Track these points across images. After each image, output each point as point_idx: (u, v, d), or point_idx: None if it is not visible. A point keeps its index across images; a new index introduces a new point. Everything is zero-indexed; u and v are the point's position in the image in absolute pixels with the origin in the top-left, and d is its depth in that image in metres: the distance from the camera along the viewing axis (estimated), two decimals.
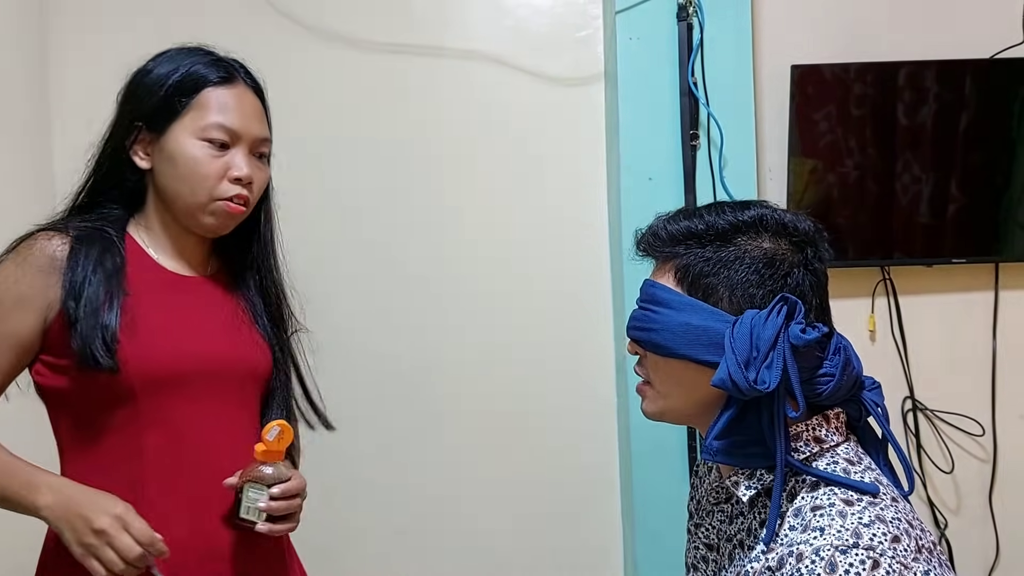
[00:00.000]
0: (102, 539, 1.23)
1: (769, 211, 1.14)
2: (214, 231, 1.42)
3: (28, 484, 1.28)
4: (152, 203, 1.43)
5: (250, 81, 1.45)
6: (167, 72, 1.39)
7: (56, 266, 1.33)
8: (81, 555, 1.24)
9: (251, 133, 1.41)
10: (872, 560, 0.96)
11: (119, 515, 1.24)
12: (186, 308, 1.43)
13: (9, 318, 1.32)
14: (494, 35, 2.46)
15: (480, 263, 2.47)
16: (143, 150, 1.40)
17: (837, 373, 1.09)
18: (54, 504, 1.26)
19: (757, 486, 1.11)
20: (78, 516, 1.24)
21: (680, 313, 1.11)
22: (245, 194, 1.40)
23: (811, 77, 2.34)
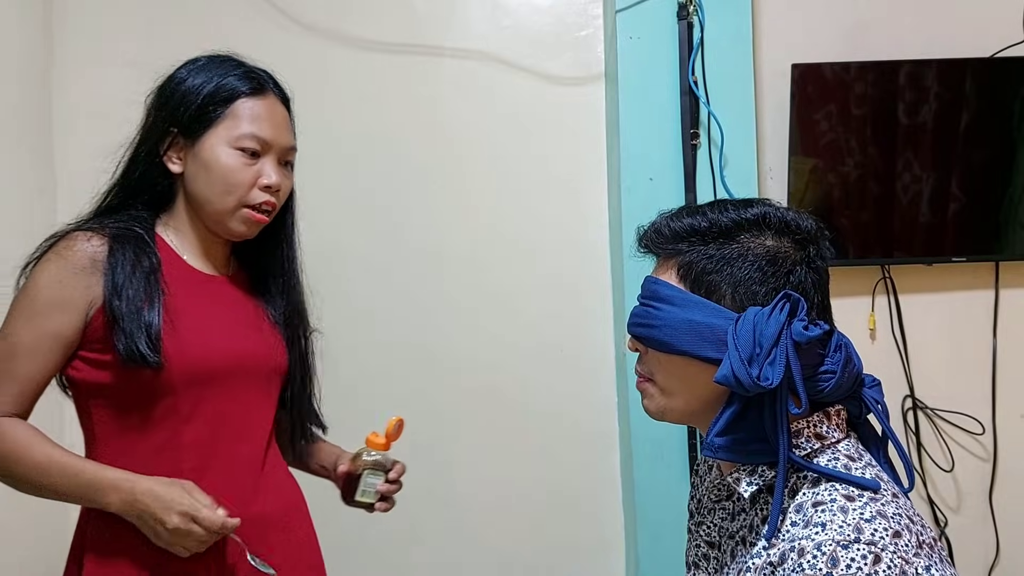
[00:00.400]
0: (177, 535, 1.29)
1: (772, 209, 1.15)
2: (240, 236, 1.48)
3: (93, 486, 1.33)
4: (181, 205, 1.48)
5: (279, 92, 1.51)
6: (202, 82, 1.44)
7: (97, 266, 1.38)
8: (163, 545, 1.31)
9: (280, 143, 1.47)
10: (873, 555, 0.96)
11: (185, 511, 1.29)
12: (216, 306, 1.49)
13: (53, 318, 1.36)
14: (494, 34, 2.47)
15: (481, 262, 2.48)
16: (176, 155, 1.46)
17: (838, 370, 1.09)
18: (121, 504, 1.32)
19: (759, 482, 1.11)
20: (149, 516, 1.30)
21: (683, 310, 1.12)
22: (273, 201, 1.46)
23: (811, 76, 2.34)
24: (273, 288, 1.58)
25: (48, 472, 1.33)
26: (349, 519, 2.41)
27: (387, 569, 2.48)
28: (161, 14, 2.42)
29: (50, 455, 1.34)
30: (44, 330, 1.36)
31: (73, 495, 1.35)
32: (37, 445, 1.34)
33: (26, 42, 2.28)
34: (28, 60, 2.29)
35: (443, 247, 2.48)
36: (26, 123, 2.27)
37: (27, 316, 1.36)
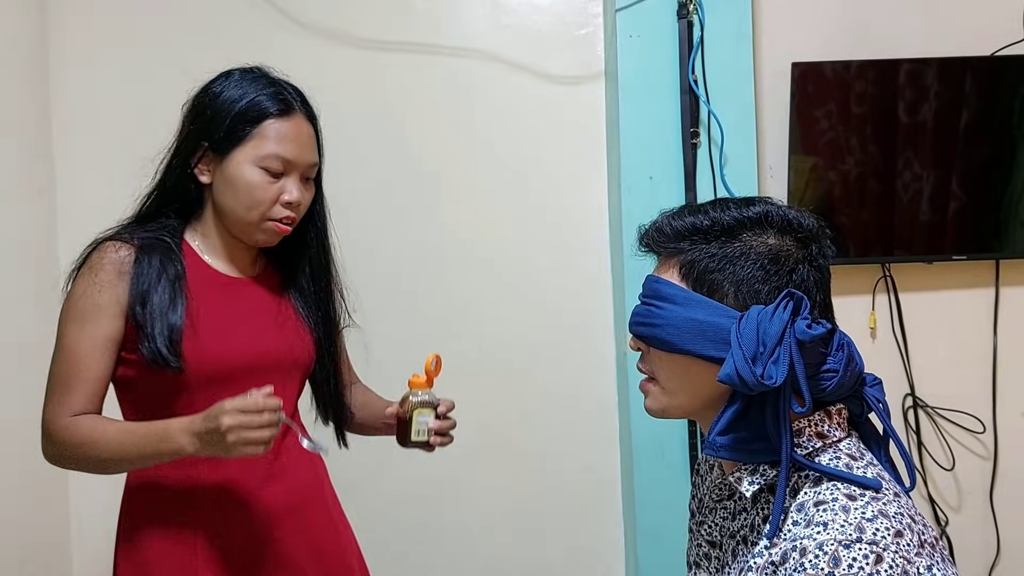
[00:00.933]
0: (236, 433, 1.33)
1: (774, 207, 1.15)
2: (263, 244, 1.57)
3: (161, 438, 1.39)
4: (209, 213, 1.56)
5: (306, 110, 1.57)
6: (233, 99, 1.51)
7: (124, 275, 1.47)
8: (237, 455, 1.36)
9: (304, 161, 1.54)
10: (875, 555, 0.96)
11: (228, 409, 1.33)
12: (237, 308, 1.57)
13: (101, 323, 1.46)
14: (494, 33, 2.47)
15: (481, 262, 2.47)
16: (206, 167, 1.53)
17: (840, 369, 1.09)
18: (191, 441, 1.37)
19: (760, 481, 1.11)
20: (208, 434, 1.35)
21: (685, 309, 1.11)
22: (293, 216, 1.54)
23: (811, 75, 2.34)
24: (304, 285, 1.66)
25: (123, 442, 1.40)
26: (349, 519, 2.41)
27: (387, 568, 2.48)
28: (160, 14, 2.42)
29: (120, 427, 1.44)
30: (96, 334, 1.45)
31: (146, 453, 1.40)
32: (108, 424, 1.44)
33: (25, 42, 2.28)
34: (27, 60, 2.29)
35: (442, 246, 2.47)
36: (25, 123, 2.27)
37: (78, 324, 1.45)
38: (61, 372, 1.46)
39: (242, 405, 1.34)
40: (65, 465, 1.48)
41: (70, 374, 1.45)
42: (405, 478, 2.47)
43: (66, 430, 1.43)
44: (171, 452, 1.39)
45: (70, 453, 1.44)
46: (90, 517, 2.36)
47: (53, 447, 1.46)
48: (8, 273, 2.15)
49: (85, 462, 1.44)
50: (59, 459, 1.47)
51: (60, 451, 1.45)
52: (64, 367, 1.46)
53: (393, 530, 2.47)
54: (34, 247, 2.27)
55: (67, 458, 1.45)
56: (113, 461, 1.43)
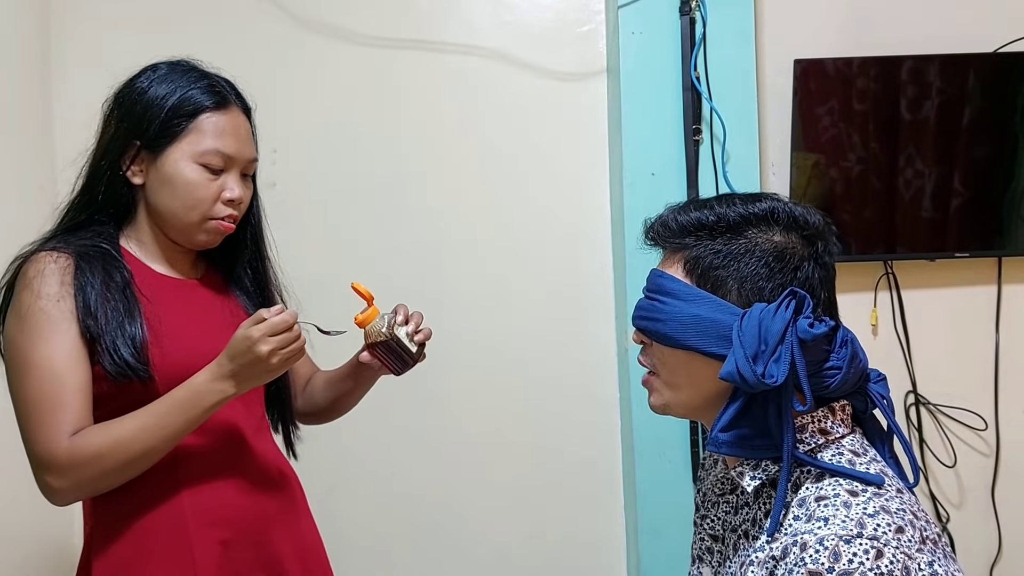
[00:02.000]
0: (277, 354, 1.32)
1: (780, 204, 1.15)
2: (204, 246, 1.49)
3: (197, 398, 1.34)
4: (143, 216, 1.47)
5: (241, 103, 1.50)
6: (164, 94, 1.43)
7: (67, 284, 1.36)
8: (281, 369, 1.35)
9: (243, 156, 1.47)
10: (876, 550, 0.96)
11: (258, 337, 1.30)
12: (191, 311, 1.49)
13: (63, 332, 1.34)
14: (496, 30, 2.46)
15: (482, 259, 2.48)
16: (138, 167, 1.44)
17: (844, 366, 1.09)
18: (230, 385, 1.34)
19: (762, 476, 1.11)
20: (250, 366, 1.32)
21: (689, 305, 1.11)
22: (236, 214, 1.47)
23: (814, 71, 2.34)
24: (248, 285, 1.60)
25: (152, 426, 1.33)
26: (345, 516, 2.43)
27: (386, 566, 2.49)
28: (160, 11, 2.41)
29: (138, 416, 1.34)
30: (65, 344, 1.34)
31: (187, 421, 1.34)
32: (120, 420, 1.34)
33: (26, 38, 2.28)
34: (28, 56, 2.29)
35: (445, 243, 2.47)
36: (26, 119, 2.27)
37: (41, 339, 1.33)
38: (42, 394, 1.32)
39: (269, 327, 1.30)
40: (81, 491, 1.35)
41: (54, 392, 1.31)
42: (406, 473, 2.48)
43: (74, 449, 1.30)
44: (214, 405, 1.34)
45: (87, 472, 1.31)
46: None
47: (63, 475, 1.31)
48: None
49: (108, 474, 1.32)
50: (74, 487, 1.33)
51: (74, 476, 1.31)
52: (43, 388, 1.32)
53: (395, 525, 2.47)
54: None
55: (84, 480, 1.32)
56: (146, 453, 1.33)
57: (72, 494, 1.35)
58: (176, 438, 1.35)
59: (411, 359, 1.54)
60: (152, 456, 1.34)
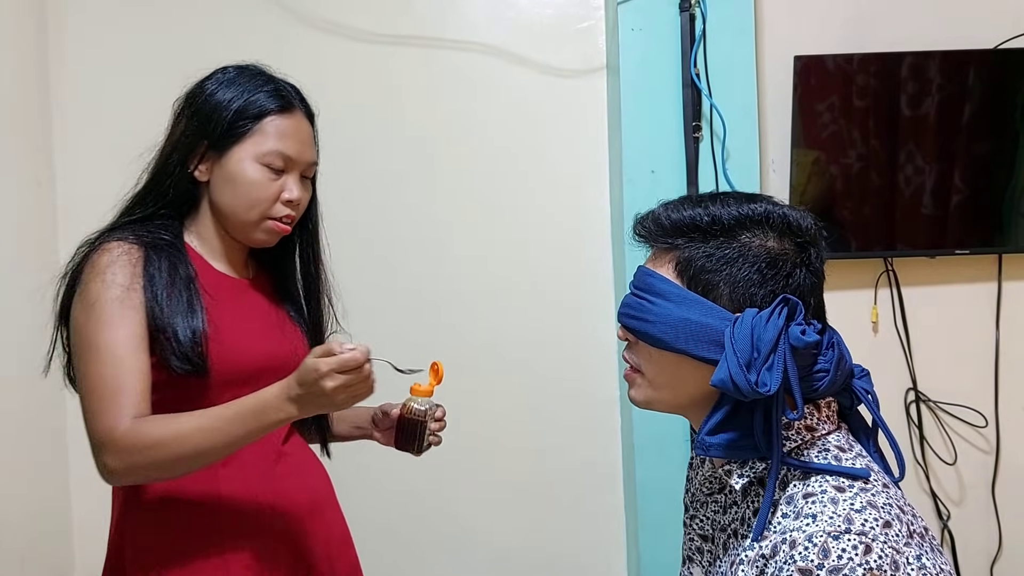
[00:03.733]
0: (343, 392, 1.30)
1: (774, 207, 1.13)
2: (261, 244, 1.53)
3: (262, 410, 1.33)
4: (206, 213, 1.52)
5: (305, 108, 1.55)
6: (231, 97, 1.48)
7: (137, 275, 1.41)
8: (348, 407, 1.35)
9: (304, 159, 1.51)
10: (864, 545, 0.96)
11: (325, 372, 1.28)
12: (245, 310, 1.54)
13: (131, 320, 1.38)
14: (495, 26, 2.47)
15: (481, 256, 2.48)
16: (204, 166, 1.49)
17: (831, 368, 1.09)
18: (295, 407, 1.32)
19: (750, 475, 1.11)
20: (314, 396, 1.30)
21: (678, 307, 1.11)
22: (293, 215, 1.51)
23: (814, 68, 2.33)
24: (295, 290, 1.64)
25: (216, 428, 1.32)
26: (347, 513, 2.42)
27: (386, 564, 2.49)
28: (158, 7, 2.42)
29: (204, 414, 1.34)
30: (131, 332, 1.37)
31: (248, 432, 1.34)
32: (185, 416, 1.34)
33: (23, 33, 2.28)
34: (26, 51, 2.29)
35: (443, 240, 2.48)
36: (24, 114, 2.27)
37: (109, 326, 1.36)
38: (106, 377, 1.34)
39: (338, 363, 1.28)
40: (134, 475, 1.35)
41: (118, 376, 1.34)
42: (406, 473, 2.48)
43: (133, 433, 1.31)
44: (276, 423, 1.34)
45: (144, 458, 1.31)
46: (91, 512, 2.37)
47: (119, 457, 1.31)
48: (7, 267, 2.16)
49: (161, 464, 1.33)
50: (128, 469, 1.33)
51: (130, 459, 1.31)
52: (107, 371, 1.34)
53: (395, 524, 2.48)
54: (33, 240, 2.28)
55: (139, 465, 1.32)
56: (201, 453, 1.33)
57: (127, 476, 1.35)
58: (233, 446, 1.35)
59: (416, 448, 1.62)
60: (206, 458, 1.35)
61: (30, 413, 2.22)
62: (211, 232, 1.53)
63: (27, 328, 2.22)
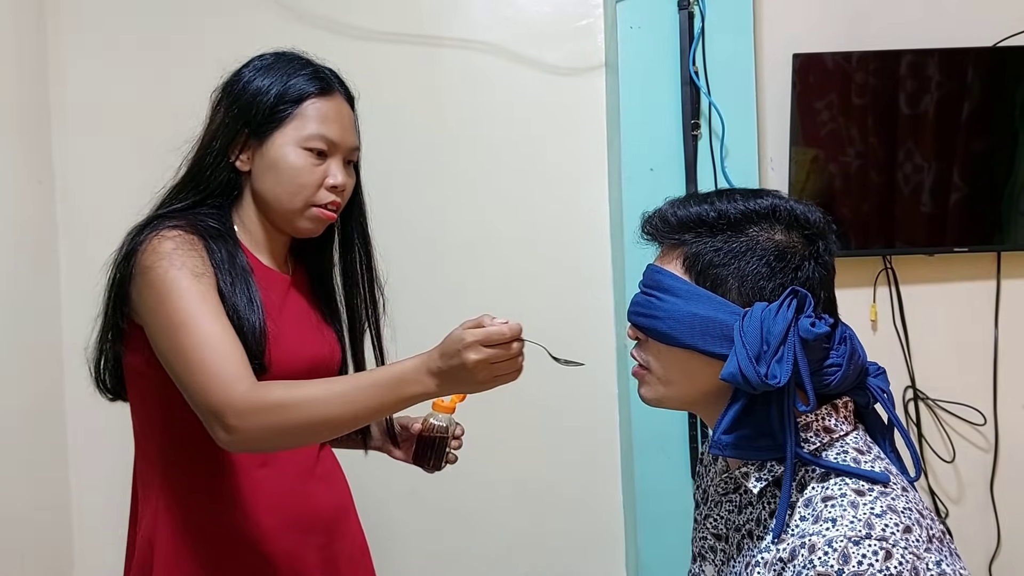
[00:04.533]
0: (485, 367, 1.24)
1: (781, 201, 1.13)
2: (307, 234, 1.48)
3: (399, 382, 1.26)
4: (249, 203, 1.48)
5: (345, 92, 1.53)
6: (270, 82, 1.44)
7: (204, 261, 1.35)
8: (489, 388, 1.28)
9: (347, 143, 1.49)
10: (885, 551, 0.96)
11: (470, 343, 1.22)
12: (290, 307, 1.50)
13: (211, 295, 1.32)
14: (494, 24, 2.45)
15: (480, 254, 2.47)
16: (245, 154, 1.45)
17: (844, 363, 1.08)
18: (433, 383, 1.26)
19: (768, 477, 1.11)
20: (454, 372, 1.24)
21: (687, 303, 1.10)
22: (339, 201, 1.47)
23: (812, 65, 2.33)
24: (331, 287, 1.60)
25: (347, 397, 1.25)
26: None
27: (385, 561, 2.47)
28: (156, 5, 2.40)
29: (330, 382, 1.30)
30: (213, 306, 1.31)
31: (383, 403, 1.27)
32: (309, 383, 1.28)
33: (22, 30, 2.26)
34: (24, 48, 2.27)
35: (442, 238, 2.46)
36: (23, 112, 2.26)
37: (191, 301, 1.29)
38: (207, 348, 1.26)
39: (484, 337, 1.21)
40: (256, 439, 1.27)
41: (219, 346, 1.26)
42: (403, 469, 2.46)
43: (255, 394, 1.24)
44: (413, 396, 1.26)
45: (267, 419, 1.23)
46: (91, 507, 2.36)
47: (242, 419, 1.23)
48: (7, 265, 2.14)
49: (287, 429, 1.25)
50: (251, 431, 1.24)
51: (255, 419, 1.23)
52: (208, 342, 1.26)
53: (393, 521, 2.46)
54: (33, 238, 2.26)
55: (263, 427, 1.24)
56: (328, 420, 1.25)
57: (249, 440, 1.26)
58: (363, 418, 1.28)
59: (433, 465, 1.63)
60: (333, 427, 1.28)
61: (30, 409, 2.20)
62: (255, 224, 1.48)
63: (27, 325, 2.21)
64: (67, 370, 2.33)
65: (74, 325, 2.33)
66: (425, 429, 1.58)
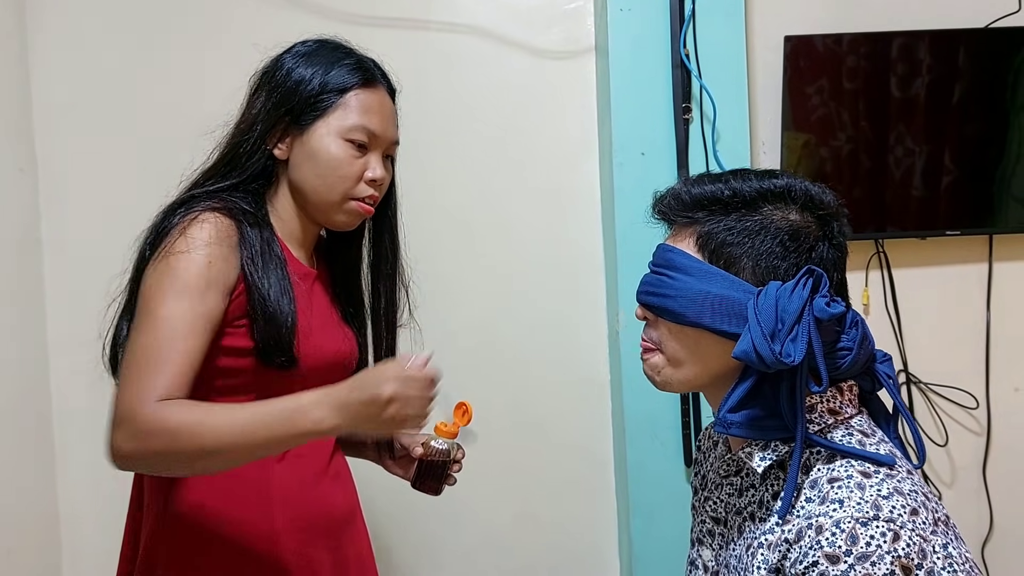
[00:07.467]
0: (399, 402, 1.22)
1: (797, 182, 1.13)
2: (342, 227, 1.47)
3: (292, 416, 1.22)
4: (284, 193, 1.45)
5: (387, 83, 1.52)
6: (314, 71, 1.42)
7: (233, 248, 1.33)
8: (388, 431, 1.29)
9: (388, 136, 1.48)
10: (892, 532, 0.95)
11: (393, 376, 1.22)
12: (315, 302, 1.48)
13: (206, 299, 1.29)
14: (481, 7, 2.42)
15: (470, 240, 2.44)
16: (284, 142, 1.43)
17: (855, 347, 1.08)
18: (334, 414, 1.22)
19: (772, 457, 1.09)
20: (362, 404, 1.21)
21: (700, 281, 1.09)
22: (377, 195, 1.46)
23: (804, 48, 2.31)
24: (354, 286, 1.58)
25: (238, 427, 1.21)
26: None
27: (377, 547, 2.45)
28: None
29: (231, 410, 1.24)
30: (198, 311, 1.28)
31: (272, 437, 1.22)
32: (212, 407, 1.25)
33: (3, 17, 2.22)
34: (6, 36, 2.23)
35: (431, 224, 2.43)
36: (5, 99, 2.22)
37: (178, 295, 1.27)
38: (152, 348, 1.24)
39: (408, 374, 1.21)
40: (145, 461, 1.24)
41: (161, 350, 1.24)
42: None
43: (156, 416, 1.19)
44: (307, 431, 1.21)
45: (159, 444, 1.19)
46: (79, 503, 2.33)
47: (135, 438, 1.20)
48: None
49: (179, 455, 1.21)
50: (139, 454, 1.21)
51: (145, 443, 1.19)
52: (155, 341, 1.24)
53: (383, 508, 2.44)
54: (16, 226, 2.22)
55: (153, 451, 1.20)
56: (219, 453, 1.21)
57: (135, 461, 1.24)
58: (257, 451, 1.25)
59: (432, 488, 1.61)
60: (225, 458, 1.24)
61: (15, 402, 2.17)
62: (290, 214, 1.45)
63: (11, 315, 2.17)
64: (52, 361, 2.30)
65: (58, 315, 2.30)
66: (426, 453, 1.55)
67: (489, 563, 2.48)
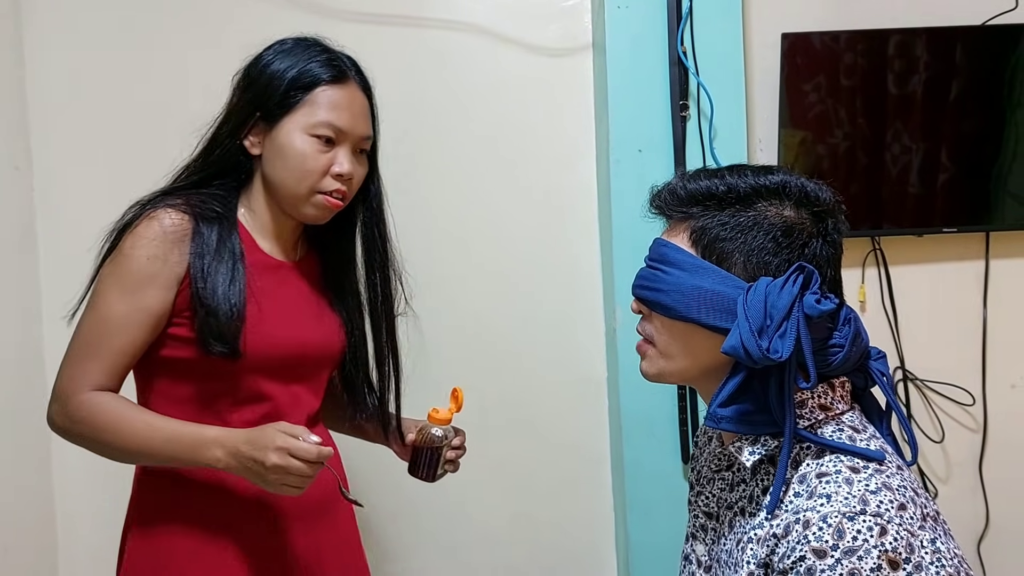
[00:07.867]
0: (279, 473, 1.28)
1: (792, 178, 1.13)
2: (313, 220, 1.50)
3: (196, 445, 1.34)
4: (258, 187, 1.51)
5: (360, 80, 1.53)
6: (286, 67, 1.46)
7: (184, 244, 1.40)
8: (271, 491, 1.32)
9: (356, 132, 1.48)
10: (880, 527, 0.95)
11: (280, 447, 1.28)
12: (283, 294, 1.52)
13: (147, 293, 1.38)
14: (478, 5, 2.42)
15: (467, 238, 2.44)
16: (256, 138, 1.48)
17: (847, 344, 1.08)
18: (226, 457, 1.32)
19: (761, 452, 1.10)
20: (250, 460, 1.29)
21: (692, 276, 1.10)
22: (344, 189, 1.48)
23: (801, 46, 2.31)
24: (346, 275, 1.62)
25: (150, 439, 1.34)
26: None
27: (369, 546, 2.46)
28: None
29: (149, 422, 1.36)
30: (138, 305, 1.37)
31: (176, 457, 1.35)
32: (135, 413, 1.37)
33: None
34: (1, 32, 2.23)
35: (428, 222, 2.44)
36: (0, 98, 2.22)
37: (119, 290, 1.38)
38: (89, 336, 1.38)
39: (295, 448, 1.28)
40: (72, 441, 1.39)
41: (99, 341, 1.37)
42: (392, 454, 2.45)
43: (84, 406, 1.35)
44: (206, 463, 1.34)
45: (82, 431, 1.37)
46: (76, 501, 2.33)
47: (67, 419, 1.37)
48: None
49: (96, 444, 1.37)
50: (67, 434, 1.39)
51: (71, 426, 1.37)
52: (94, 332, 1.38)
53: (378, 506, 2.45)
54: (12, 225, 2.23)
55: (77, 435, 1.38)
56: (130, 454, 1.37)
57: (66, 437, 1.40)
58: (167, 463, 1.38)
59: (426, 475, 1.62)
60: (135, 460, 1.41)
61: (11, 400, 2.17)
62: (263, 207, 1.50)
63: (7, 314, 2.18)
64: (48, 359, 2.30)
65: (53, 313, 2.30)
66: (420, 441, 1.58)
67: (485, 560, 2.48)
